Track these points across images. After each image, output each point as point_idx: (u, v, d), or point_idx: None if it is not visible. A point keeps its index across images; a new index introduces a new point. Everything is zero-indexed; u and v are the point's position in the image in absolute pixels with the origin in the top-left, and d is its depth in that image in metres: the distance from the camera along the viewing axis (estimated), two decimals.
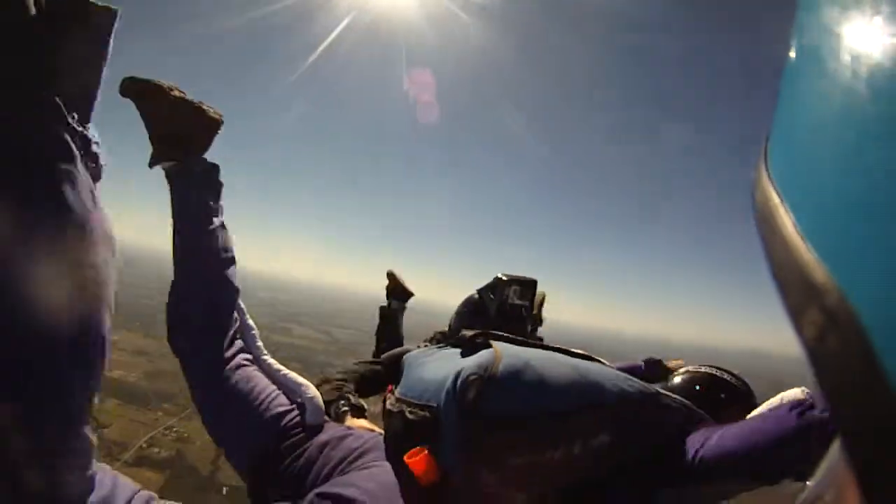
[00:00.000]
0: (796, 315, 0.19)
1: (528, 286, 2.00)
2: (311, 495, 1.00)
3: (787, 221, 0.21)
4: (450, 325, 2.11)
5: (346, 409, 1.47)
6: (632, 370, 1.74)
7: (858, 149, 0.18)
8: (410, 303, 3.22)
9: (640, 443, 1.01)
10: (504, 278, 1.99)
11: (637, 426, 1.01)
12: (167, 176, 1.46)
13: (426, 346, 2.03)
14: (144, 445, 26.90)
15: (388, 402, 1.17)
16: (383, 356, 1.96)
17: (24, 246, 0.71)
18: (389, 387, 1.25)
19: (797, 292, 0.19)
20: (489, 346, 1.05)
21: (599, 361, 1.17)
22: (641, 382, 1.06)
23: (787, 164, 0.24)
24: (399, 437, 1.06)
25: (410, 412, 1.03)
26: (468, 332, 1.16)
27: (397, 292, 3.09)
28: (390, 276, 3.14)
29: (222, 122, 1.49)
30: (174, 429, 29.28)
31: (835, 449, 0.24)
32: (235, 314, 1.49)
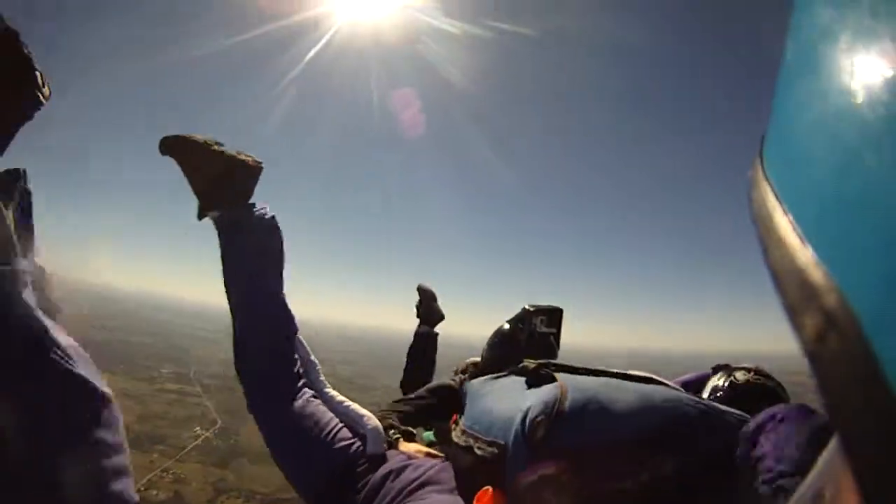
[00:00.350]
0: (795, 316, 0.19)
1: (554, 314, 2.05)
2: None
3: (784, 222, 0.21)
4: (482, 356, 2.16)
5: (397, 436, 1.57)
6: (700, 380, 1.76)
7: (856, 148, 0.18)
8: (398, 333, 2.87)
9: (702, 461, 1.02)
10: (531, 309, 2.04)
11: (698, 445, 1.02)
12: (215, 225, 1.54)
13: (459, 377, 2.10)
14: (142, 488, 26.13)
15: (454, 434, 1.18)
16: (425, 389, 2.01)
17: None
18: (454, 416, 1.26)
19: (796, 293, 0.19)
20: (553, 377, 1.05)
21: (662, 383, 1.17)
22: (701, 400, 1.07)
23: (784, 165, 0.23)
24: (469, 471, 1.09)
25: (479, 448, 1.06)
26: (531, 363, 1.18)
27: (424, 312, 2.92)
28: (420, 291, 2.96)
29: (262, 168, 1.56)
30: (171, 471, 28.53)
31: (832, 448, 0.23)
32: (297, 353, 1.56)
